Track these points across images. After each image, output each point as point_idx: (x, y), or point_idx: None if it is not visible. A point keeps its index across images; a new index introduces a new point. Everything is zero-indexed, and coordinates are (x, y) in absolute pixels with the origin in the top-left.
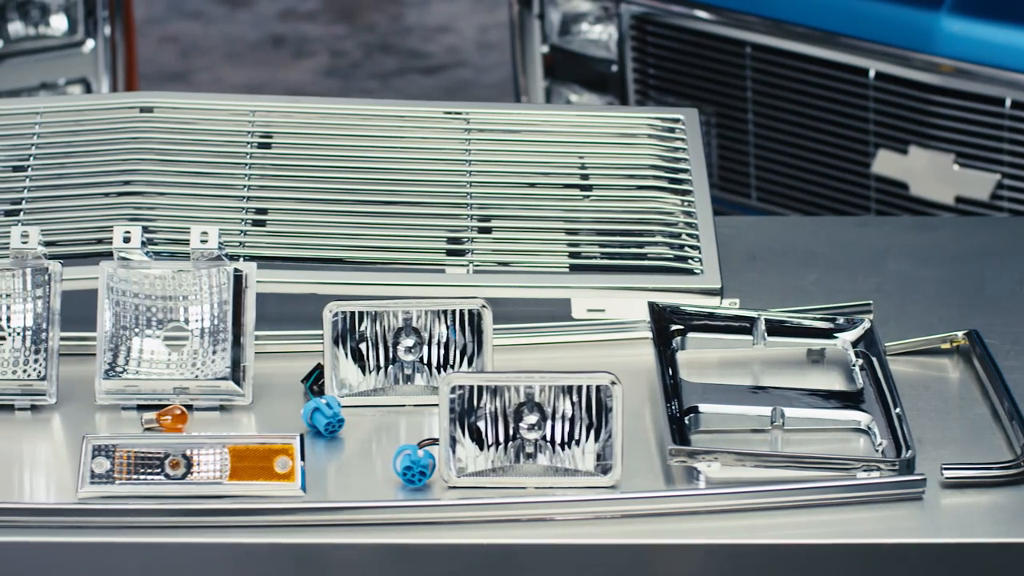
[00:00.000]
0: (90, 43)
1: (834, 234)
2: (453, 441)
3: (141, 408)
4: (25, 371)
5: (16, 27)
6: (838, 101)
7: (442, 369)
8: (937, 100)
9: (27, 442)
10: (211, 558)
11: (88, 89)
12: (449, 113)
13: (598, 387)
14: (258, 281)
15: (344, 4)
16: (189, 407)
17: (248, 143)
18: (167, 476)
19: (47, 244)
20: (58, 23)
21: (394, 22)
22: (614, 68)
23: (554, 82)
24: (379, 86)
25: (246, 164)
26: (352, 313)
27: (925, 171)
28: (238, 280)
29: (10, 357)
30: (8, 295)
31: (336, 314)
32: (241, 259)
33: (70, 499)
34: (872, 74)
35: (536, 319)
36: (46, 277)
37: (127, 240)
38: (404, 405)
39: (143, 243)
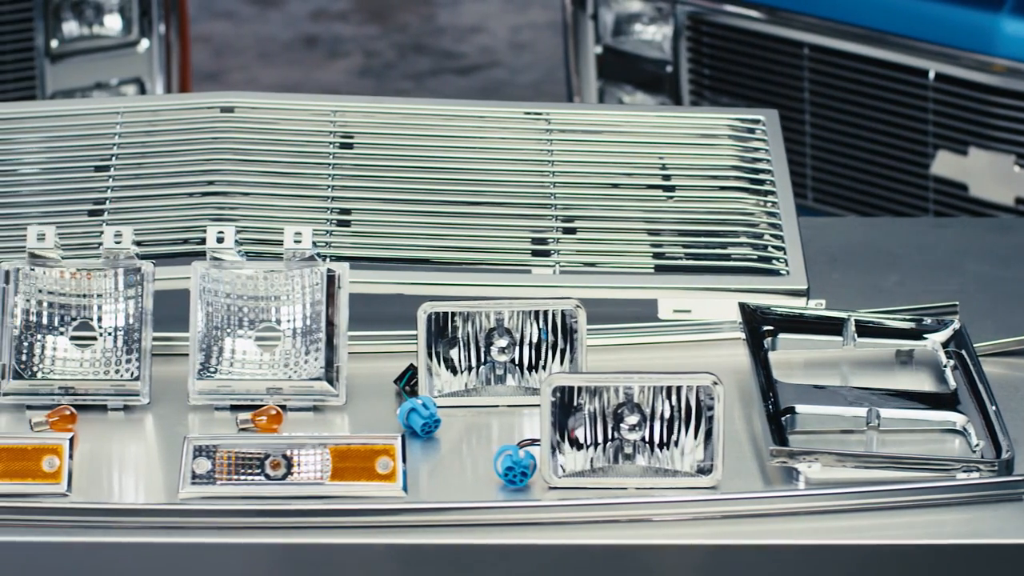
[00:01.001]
0: (144, 43)
1: (912, 235)
2: (554, 442)
3: (234, 408)
4: (118, 371)
5: (71, 27)
6: (897, 102)
7: (533, 370)
8: (997, 101)
9: (120, 442)
10: (313, 559)
11: (142, 89)
12: (530, 114)
13: (699, 387)
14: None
15: (375, 5)
16: (283, 407)
17: (330, 143)
18: (268, 477)
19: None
20: (112, 23)
21: (426, 22)
22: (669, 69)
23: (607, 83)
24: (414, 86)
25: (329, 164)
26: (445, 314)
27: (985, 172)
28: (331, 280)
29: (102, 357)
30: (100, 295)
31: (430, 315)
32: (328, 259)
33: (165, 499)
34: (932, 75)
35: (616, 319)
36: (139, 277)
37: (220, 240)
38: (497, 406)
39: (236, 243)
